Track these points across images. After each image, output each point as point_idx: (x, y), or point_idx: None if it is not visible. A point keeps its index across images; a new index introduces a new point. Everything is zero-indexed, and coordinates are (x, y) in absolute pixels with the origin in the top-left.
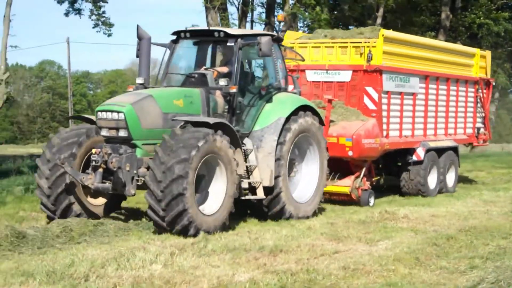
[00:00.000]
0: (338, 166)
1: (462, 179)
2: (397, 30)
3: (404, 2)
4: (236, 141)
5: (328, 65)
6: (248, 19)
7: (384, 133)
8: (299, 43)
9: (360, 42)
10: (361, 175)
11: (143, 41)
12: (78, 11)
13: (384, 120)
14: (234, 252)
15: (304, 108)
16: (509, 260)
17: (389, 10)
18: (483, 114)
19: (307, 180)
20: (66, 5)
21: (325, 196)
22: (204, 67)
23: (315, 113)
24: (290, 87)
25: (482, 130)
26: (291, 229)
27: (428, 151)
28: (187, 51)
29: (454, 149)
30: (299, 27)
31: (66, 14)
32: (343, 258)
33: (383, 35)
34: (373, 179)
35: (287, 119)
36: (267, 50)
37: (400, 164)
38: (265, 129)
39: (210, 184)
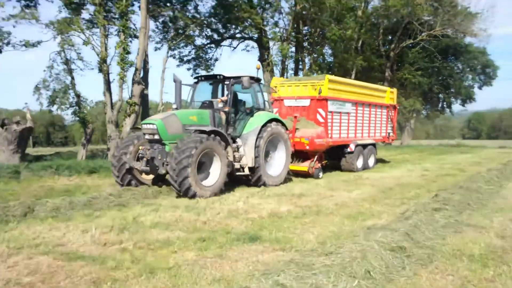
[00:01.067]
0: (301, 155)
1: (395, 159)
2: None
3: (366, 66)
4: (226, 141)
5: (297, 96)
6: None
7: (329, 135)
8: (280, 83)
9: (315, 82)
10: (314, 160)
11: (176, 83)
12: (194, 70)
13: (329, 128)
14: (279, 196)
15: (276, 120)
16: (422, 199)
17: (358, 71)
18: (391, 125)
19: (277, 163)
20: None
21: (293, 172)
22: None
23: (282, 124)
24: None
25: (391, 134)
26: (308, 185)
27: (357, 145)
28: (203, 88)
29: (373, 145)
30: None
31: (188, 69)
32: (335, 199)
33: (328, 78)
34: (323, 162)
35: (264, 126)
36: (247, 85)
37: (340, 153)
38: (249, 132)
39: (210, 168)
